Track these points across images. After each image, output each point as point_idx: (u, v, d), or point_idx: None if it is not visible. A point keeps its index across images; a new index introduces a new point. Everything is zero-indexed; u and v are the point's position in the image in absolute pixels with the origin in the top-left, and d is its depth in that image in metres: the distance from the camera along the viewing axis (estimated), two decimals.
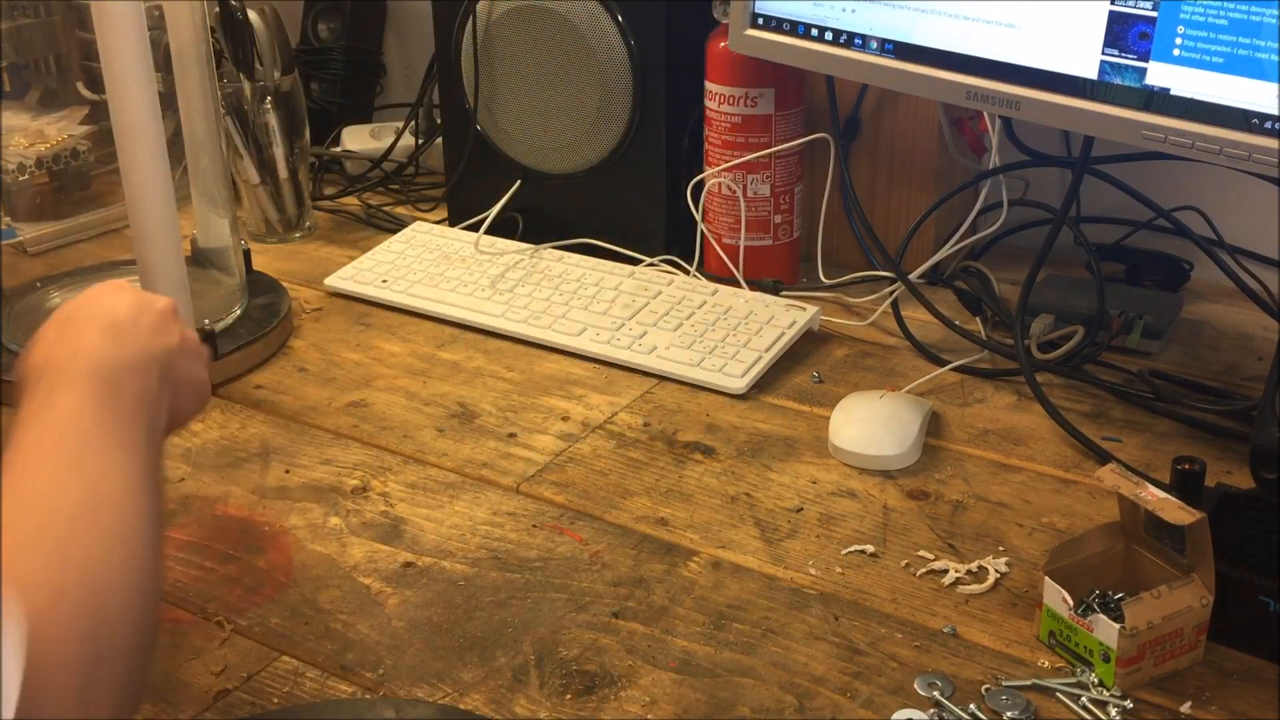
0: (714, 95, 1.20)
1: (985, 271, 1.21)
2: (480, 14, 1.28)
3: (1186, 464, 0.82)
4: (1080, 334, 1.07)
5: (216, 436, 1.02)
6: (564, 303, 1.18)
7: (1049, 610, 0.77)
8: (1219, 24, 0.86)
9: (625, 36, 1.21)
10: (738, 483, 0.95)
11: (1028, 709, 0.73)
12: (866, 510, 0.92)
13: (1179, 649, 0.75)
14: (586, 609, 0.82)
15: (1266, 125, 0.85)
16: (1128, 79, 0.90)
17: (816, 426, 1.02)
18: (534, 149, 1.31)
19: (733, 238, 1.23)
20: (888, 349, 1.15)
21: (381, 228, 1.41)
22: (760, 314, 1.15)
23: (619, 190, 1.28)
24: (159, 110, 1.05)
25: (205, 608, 0.82)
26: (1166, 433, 1.01)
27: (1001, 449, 0.99)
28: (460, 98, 1.33)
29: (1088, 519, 0.90)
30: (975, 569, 0.85)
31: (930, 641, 0.79)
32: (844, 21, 1.05)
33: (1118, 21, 0.90)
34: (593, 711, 0.74)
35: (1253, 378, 1.09)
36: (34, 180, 1.30)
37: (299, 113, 1.37)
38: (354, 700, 0.75)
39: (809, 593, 0.83)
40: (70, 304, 0.75)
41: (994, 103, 0.98)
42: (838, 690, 0.75)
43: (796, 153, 1.22)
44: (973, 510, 0.92)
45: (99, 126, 1.33)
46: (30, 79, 1.36)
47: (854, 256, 1.27)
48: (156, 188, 1.05)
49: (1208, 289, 1.23)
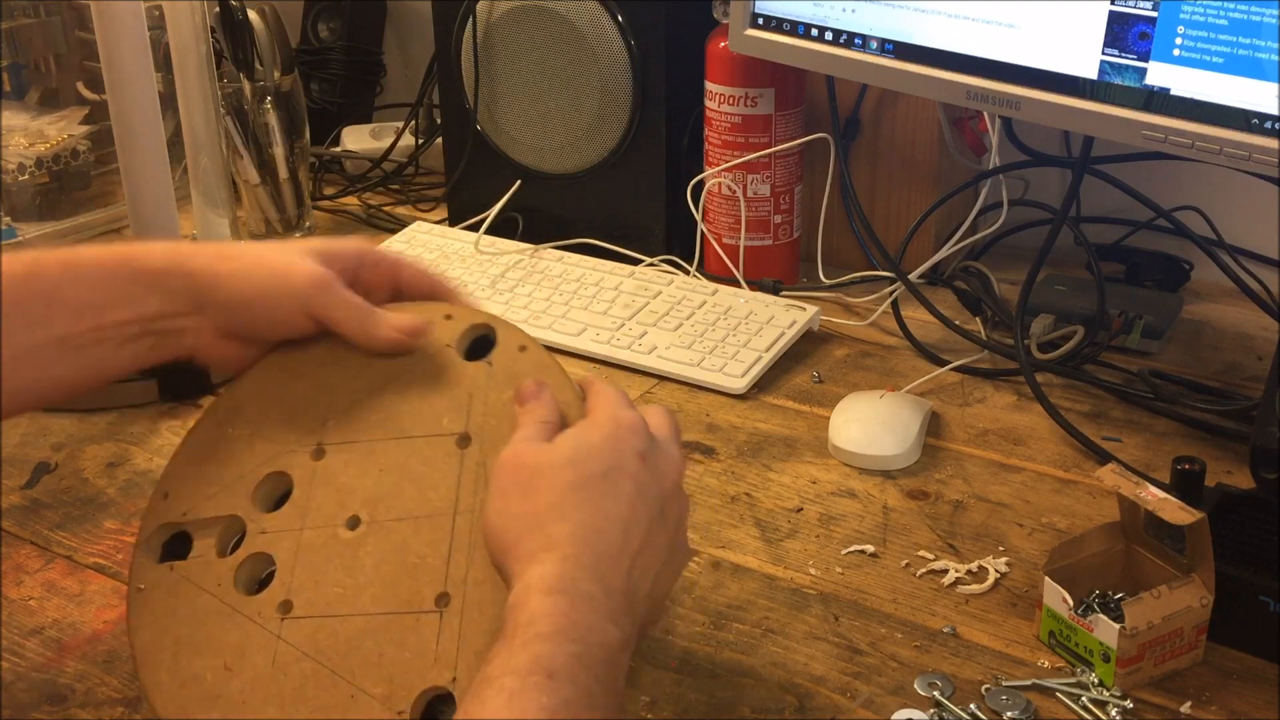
0: (714, 95, 1.20)
1: (985, 271, 1.21)
2: (480, 14, 1.28)
3: (1186, 464, 0.82)
4: (1080, 334, 1.07)
5: None
6: (564, 303, 1.18)
7: (1049, 610, 0.77)
8: (1219, 24, 0.86)
9: (625, 36, 1.21)
10: (738, 483, 0.95)
11: (1028, 709, 0.73)
12: (866, 510, 0.92)
13: (1179, 649, 0.75)
14: None
15: (1266, 125, 0.85)
16: (1128, 79, 0.90)
17: (816, 426, 1.02)
18: (534, 149, 1.31)
19: (733, 238, 1.23)
20: (888, 349, 1.15)
21: (381, 228, 1.41)
22: (760, 314, 1.15)
23: (619, 190, 1.28)
24: (159, 110, 1.05)
25: None
26: (1166, 433, 1.01)
27: (1001, 449, 0.99)
28: (460, 98, 1.33)
29: (1088, 519, 0.90)
30: (975, 569, 0.85)
31: (930, 641, 0.79)
32: (844, 21, 1.05)
33: (1118, 21, 0.90)
34: None
35: (1253, 378, 1.09)
36: (34, 180, 1.30)
37: (299, 113, 1.36)
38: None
39: (809, 593, 0.83)
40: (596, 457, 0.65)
41: (994, 103, 0.98)
42: (838, 690, 0.75)
43: (796, 153, 1.22)
44: (973, 510, 0.92)
45: (99, 126, 1.33)
46: (30, 79, 1.37)
47: (854, 256, 1.27)
48: (156, 188, 1.05)
49: (1208, 289, 1.23)
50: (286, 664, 0.68)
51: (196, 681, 0.69)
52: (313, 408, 0.74)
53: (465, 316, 0.74)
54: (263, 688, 0.68)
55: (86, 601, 0.83)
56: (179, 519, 0.73)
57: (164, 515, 0.73)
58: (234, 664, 0.69)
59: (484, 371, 0.72)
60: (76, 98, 1.36)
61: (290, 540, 0.71)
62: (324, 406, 0.73)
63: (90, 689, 0.76)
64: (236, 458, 0.74)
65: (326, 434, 0.73)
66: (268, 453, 0.73)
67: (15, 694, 0.75)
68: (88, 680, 0.76)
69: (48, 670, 0.77)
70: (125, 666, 0.77)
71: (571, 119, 1.27)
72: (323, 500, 0.71)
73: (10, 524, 0.91)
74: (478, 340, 0.74)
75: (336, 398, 0.73)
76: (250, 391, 0.75)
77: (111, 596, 0.84)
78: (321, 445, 0.73)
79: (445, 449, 0.71)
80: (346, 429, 0.73)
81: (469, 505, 0.69)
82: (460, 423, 0.71)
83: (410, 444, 0.71)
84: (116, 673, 0.77)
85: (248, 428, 0.74)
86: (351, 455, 0.72)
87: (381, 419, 0.73)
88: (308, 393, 0.74)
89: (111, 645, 0.79)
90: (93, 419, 1.04)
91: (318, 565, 0.70)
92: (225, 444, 0.74)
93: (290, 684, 0.68)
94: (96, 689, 0.76)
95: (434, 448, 0.71)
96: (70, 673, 0.77)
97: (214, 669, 0.69)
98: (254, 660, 0.68)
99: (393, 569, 0.69)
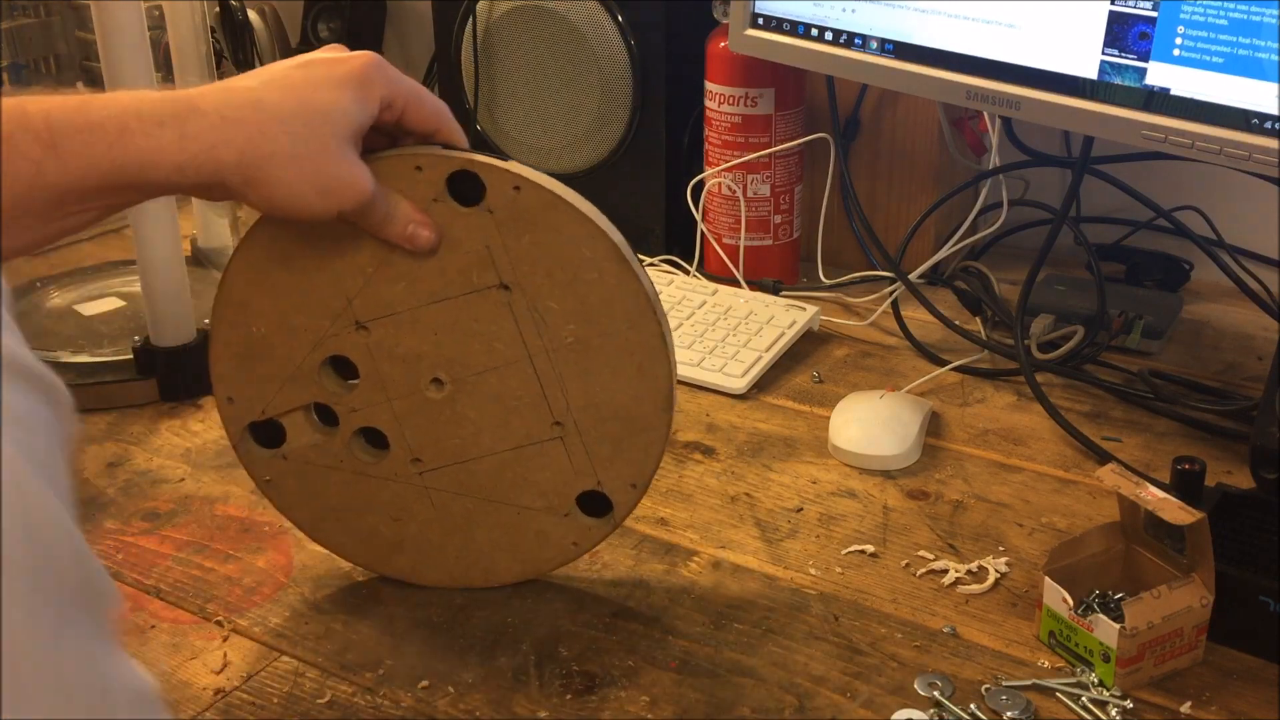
0: (714, 95, 1.20)
1: (985, 271, 1.21)
2: (480, 14, 1.28)
3: (1186, 464, 0.82)
4: (1080, 334, 1.07)
5: (216, 436, 1.02)
6: None
7: (1049, 610, 0.77)
8: (1219, 24, 0.86)
9: (625, 36, 1.21)
10: (738, 483, 0.95)
11: (1028, 709, 0.73)
12: (866, 510, 0.92)
13: (1179, 649, 0.75)
14: (586, 609, 0.82)
15: (1266, 125, 0.85)
16: (1128, 79, 0.90)
17: (816, 426, 1.02)
18: (534, 149, 1.31)
19: (733, 238, 1.23)
20: (888, 349, 1.15)
21: None
22: (760, 314, 1.15)
23: (619, 190, 1.28)
24: None
25: (205, 608, 0.82)
26: (1166, 433, 1.01)
27: (1001, 449, 0.99)
28: (460, 98, 1.33)
29: (1088, 519, 0.90)
30: (975, 569, 0.85)
31: (930, 641, 0.79)
32: (844, 21, 1.05)
33: (1118, 21, 0.90)
34: (593, 711, 0.74)
35: (1253, 378, 1.09)
36: None
37: None
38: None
39: (809, 593, 0.83)
40: None
41: (994, 103, 0.98)
42: (838, 690, 0.75)
43: (796, 153, 1.22)
44: (973, 510, 0.92)
45: None
46: (30, 79, 1.37)
47: (854, 256, 1.27)
48: None
49: (1208, 289, 1.23)
50: (446, 504, 0.77)
51: (374, 535, 0.78)
52: (329, 290, 0.75)
53: (437, 164, 0.72)
54: (437, 526, 0.78)
55: None
56: (260, 416, 0.77)
57: (243, 418, 0.78)
58: (400, 515, 0.78)
59: (490, 221, 0.72)
60: None
61: (384, 411, 0.77)
62: (339, 287, 0.75)
63: None
64: (280, 353, 0.76)
65: (358, 312, 0.75)
66: (309, 340, 0.76)
67: None
68: None
69: None
70: None
71: (571, 119, 1.27)
72: (392, 371, 0.76)
73: None
74: (462, 184, 0.72)
75: (346, 277, 0.74)
76: (250, 287, 0.75)
77: None
78: (360, 322, 0.75)
79: (492, 301, 0.74)
80: (377, 303, 0.75)
81: (539, 347, 0.74)
82: (492, 275, 0.73)
83: (451, 305, 0.74)
84: None
85: (269, 323, 0.76)
86: (397, 326, 0.75)
87: (407, 288, 0.74)
88: (313, 277, 0.75)
89: None
90: (93, 419, 1.04)
91: (424, 426, 0.76)
92: (261, 344, 0.76)
93: (457, 518, 0.77)
94: None
95: (479, 303, 0.74)
96: None
97: (384, 522, 0.78)
98: (416, 509, 0.78)
99: (498, 413, 0.75)
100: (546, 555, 0.81)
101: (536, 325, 0.73)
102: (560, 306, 0.73)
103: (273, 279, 0.75)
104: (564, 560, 0.81)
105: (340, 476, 0.79)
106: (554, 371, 0.74)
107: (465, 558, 0.80)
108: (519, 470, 0.77)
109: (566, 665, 0.77)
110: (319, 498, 0.79)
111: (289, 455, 0.79)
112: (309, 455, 0.79)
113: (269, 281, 0.75)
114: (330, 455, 0.79)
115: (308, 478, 0.79)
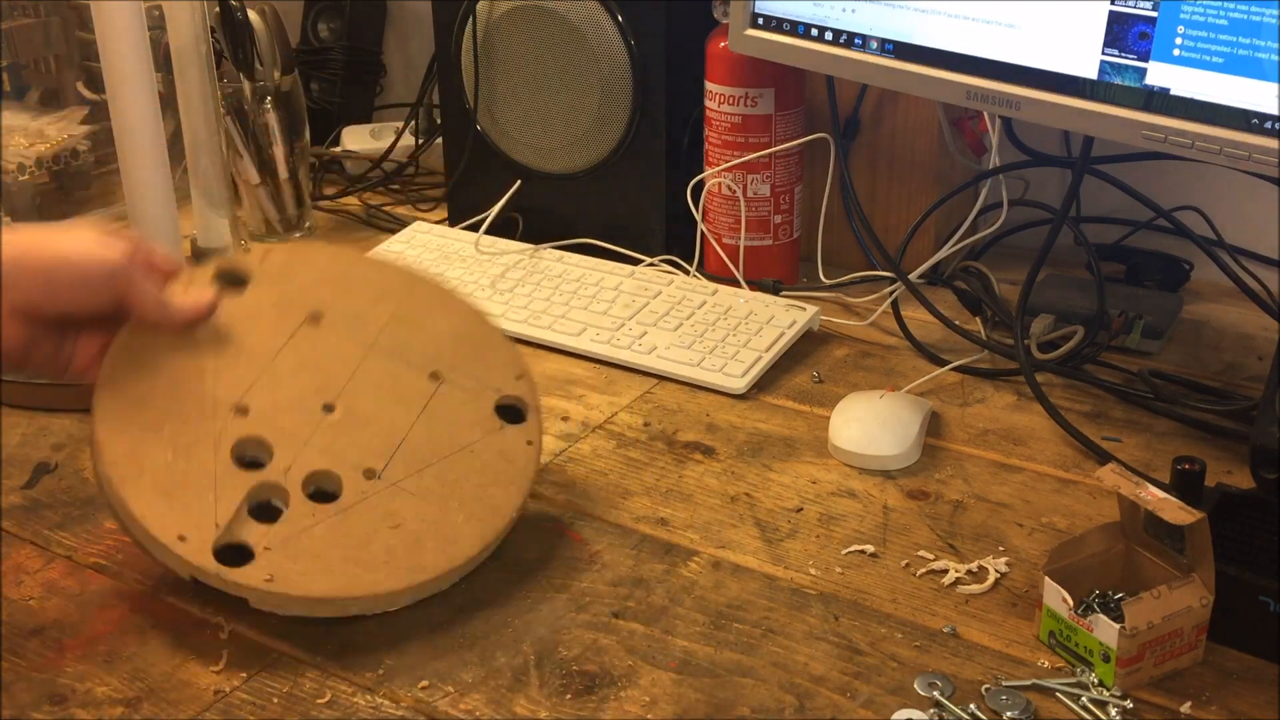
0: (714, 95, 1.20)
1: (985, 271, 1.21)
2: (480, 14, 1.28)
3: (1186, 464, 0.82)
4: (1080, 334, 1.07)
5: None
6: (564, 303, 1.18)
7: (1049, 610, 0.77)
8: (1219, 24, 0.86)
9: (625, 36, 1.21)
10: (738, 483, 0.95)
11: (1028, 709, 0.73)
12: (866, 510, 0.92)
13: (1179, 649, 0.75)
14: (586, 609, 0.82)
15: (1266, 125, 0.85)
16: (1128, 79, 0.91)
17: (816, 426, 1.02)
18: (534, 149, 1.31)
19: (733, 238, 1.23)
20: (888, 349, 1.15)
21: (381, 228, 1.41)
22: (760, 314, 1.15)
23: (619, 190, 1.28)
24: (159, 110, 1.05)
25: (205, 607, 0.82)
26: (1166, 433, 1.01)
27: (1001, 449, 0.99)
28: (460, 98, 1.33)
29: (1088, 519, 0.90)
30: (975, 569, 0.85)
31: (930, 641, 0.79)
32: (844, 21, 1.05)
33: (1118, 21, 0.90)
34: (593, 711, 0.74)
35: (1253, 378, 1.09)
36: (34, 180, 1.30)
37: (299, 113, 1.36)
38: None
39: (809, 593, 0.83)
40: None
41: (994, 103, 0.98)
42: (838, 690, 0.75)
43: (796, 153, 1.22)
44: (973, 510, 0.92)
45: (99, 126, 1.33)
46: (30, 79, 1.37)
47: (854, 256, 1.27)
48: (156, 188, 1.05)
49: (1208, 289, 1.23)
50: (420, 485, 0.83)
51: (392, 554, 0.80)
52: (193, 400, 0.82)
53: (201, 273, 0.87)
54: (429, 505, 0.83)
55: (86, 602, 0.83)
56: (218, 533, 0.78)
57: (206, 542, 0.78)
58: (394, 520, 0.82)
59: (265, 282, 0.88)
60: (76, 98, 1.36)
61: (310, 452, 0.83)
62: (201, 392, 0.83)
63: (90, 689, 0.76)
64: (194, 470, 0.80)
65: (227, 400, 0.83)
66: (210, 446, 0.81)
67: (15, 694, 0.75)
68: (88, 680, 0.76)
69: (48, 670, 0.77)
70: (125, 666, 0.77)
71: (571, 119, 1.27)
72: (289, 421, 0.83)
73: (10, 524, 0.91)
74: (225, 277, 0.87)
75: (200, 381, 0.83)
76: (125, 436, 0.80)
77: (111, 597, 0.84)
78: (237, 406, 0.83)
79: (315, 331, 0.87)
80: (235, 384, 0.83)
81: (369, 340, 0.88)
82: (298, 314, 0.88)
83: (288, 349, 0.86)
84: (116, 673, 0.77)
85: (165, 452, 0.80)
86: (264, 388, 0.84)
87: (248, 360, 0.85)
88: (175, 396, 0.82)
89: (111, 645, 0.79)
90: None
91: (348, 443, 0.84)
92: (169, 473, 0.80)
93: (439, 487, 0.84)
94: (96, 689, 0.76)
95: (307, 338, 0.87)
96: (70, 673, 0.77)
97: (388, 534, 0.81)
98: (400, 506, 0.82)
99: (390, 395, 0.86)
100: (521, 463, 0.87)
101: (354, 328, 0.88)
102: (359, 305, 0.89)
103: (144, 418, 0.81)
104: (537, 455, 0.88)
105: (325, 528, 0.80)
106: (394, 346, 0.88)
107: (470, 509, 0.83)
108: (440, 423, 0.86)
109: (566, 665, 0.77)
110: (322, 557, 0.79)
111: (271, 545, 0.78)
112: (286, 533, 0.79)
113: (140, 422, 0.80)
114: (302, 521, 0.80)
115: (300, 548, 0.79)
